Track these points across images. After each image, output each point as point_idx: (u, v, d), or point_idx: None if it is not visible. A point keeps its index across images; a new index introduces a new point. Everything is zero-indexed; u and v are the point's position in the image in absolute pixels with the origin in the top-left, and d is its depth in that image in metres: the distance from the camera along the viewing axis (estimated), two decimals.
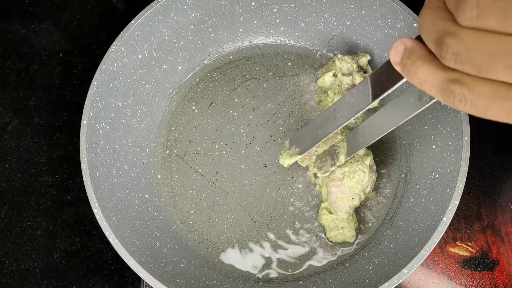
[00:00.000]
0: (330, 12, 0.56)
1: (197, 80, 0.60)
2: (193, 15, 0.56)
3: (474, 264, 0.51)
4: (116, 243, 0.44)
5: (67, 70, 0.64)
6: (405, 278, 0.42)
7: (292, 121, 0.57)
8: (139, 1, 0.65)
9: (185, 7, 0.55)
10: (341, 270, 0.49)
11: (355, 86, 0.40)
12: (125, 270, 0.54)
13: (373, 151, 0.52)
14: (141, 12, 0.52)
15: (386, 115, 0.43)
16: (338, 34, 0.58)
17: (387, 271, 0.44)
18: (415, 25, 0.50)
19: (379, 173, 0.53)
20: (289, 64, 0.60)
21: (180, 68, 0.59)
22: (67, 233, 0.56)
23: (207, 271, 0.50)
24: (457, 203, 0.43)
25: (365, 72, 0.54)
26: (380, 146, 0.54)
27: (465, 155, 0.45)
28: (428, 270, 0.52)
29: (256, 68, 0.60)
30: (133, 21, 0.52)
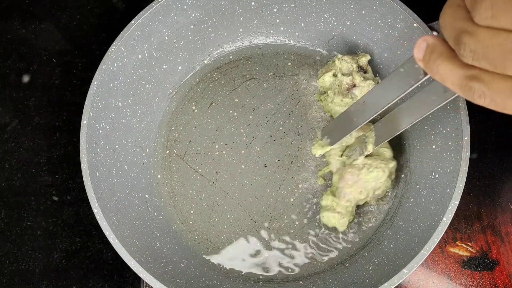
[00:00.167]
0: (330, 12, 0.56)
1: (197, 80, 0.60)
2: (193, 15, 0.56)
3: (474, 264, 0.51)
4: (116, 243, 0.44)
5: (67, 70, 0.64)
6: (405, 278, 0.42)
7: (292, 121, 0.57)
8: (139, 1, 0.65)
9: (185, 7, 0.55)
10: (341, 270, 0.49)
11: (385, 79, 0.41)
12: (125, 270, 0.54)
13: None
14: (141, 12, 0.52)
15: (413, 106, 0.44)
16: (338, 34, 0.58)
17: (387, 271, 0.44)
18: (415, 25, 0.50)
19: None
20: (289, 64, 0.60)
21: (180, 68, 0.59)
22: (67, 233, 0.56)
23: (207, 271, 0.50)
24: (457, 203, 0.43)
25: (365, 72, 0.54)
26: None
27: (465, 155, 0.45)
28: (428, 270, 0.52)
29: (256, 68, 0.60)
30: (133, 21, 0.52)
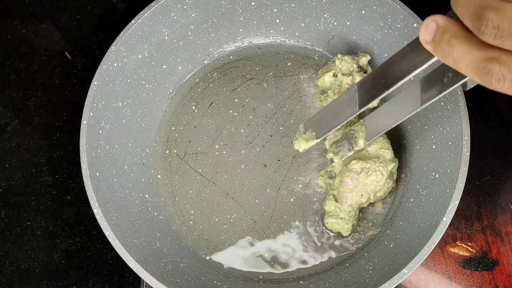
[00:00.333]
0: (330, 12, 0.56)
1: (197, 80, 0.60)
2: (193, 15, 0.56)
3: (474, 264, 0.51)
4: (116, 243, 0.44)
5: (67, 70, 0.64)
6: (405, 278, 0.42)
7: (292, 121, 0.57)
8: (139, 1, 0.65)
9: (185, 7, 0.55)
10: (341, 270, 0.49)
11: (380, 66, 0.37)
12: (125, 270, 0.54)
13: None
14: (141, 12, 0.52)
15: (409, 98, 0.41)
16: (338, 34, 0.58)
17: (387, 271, 0.44)
18: (415, 25, 0.50)
19: None
20: (289, 64, 0.60)
21: (180, 68, 0.59)
22: (67, 233, 0.56)
23: (207, 271, 0.50)
24: (457, 203, 0.43)
25: (365, 72, 0.54)
26: None
27: (465, 155, 0.45)
28: (428, 270, 0.52)
29: (256, 68, 0.60)
30: (133, 21, 0.52)
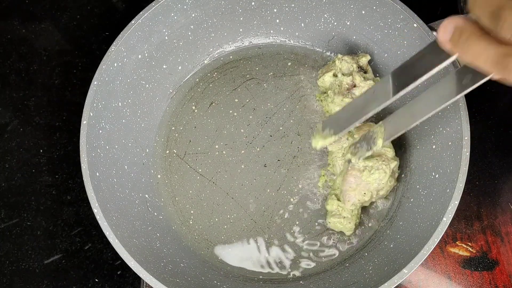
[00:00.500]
0: (330, 12, 0.56)
1: (197, 80, 0.60)
2: (193, 15, 0.56)
3: (474, 264, 0.51)
4: (116, 243, 0.44)
5: (67, 70, 0.64)
6: (405, 278, 0.42)
7: (292, 121, 0.57)
8: (139, 1, 0.65)
9: (185, 7, 0.55)
10: (341, 270, 0.49)
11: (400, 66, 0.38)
12: (125, 270, 0.54)
13: None
14: (141, 12, 0.52)
15: (427, 99, 0.42)
16: (338, 34, 0.58)
17: (387, 271, 0.44)
18: (415, 25, 0.50)
19: None
20: (289, 64, 0.60)
21: (180, 68, 0.59)
22: (67, 233, 0.56)
23: (207, 271, 0.50)
24: (457, 203, 0.43)
25: (365, 72, 0.54)
26: None
27: (465, 155, 0.45)
28: (428, 270, 0.52)
29: (256, 68, 0.60)
30: (133, 21, 0.52)
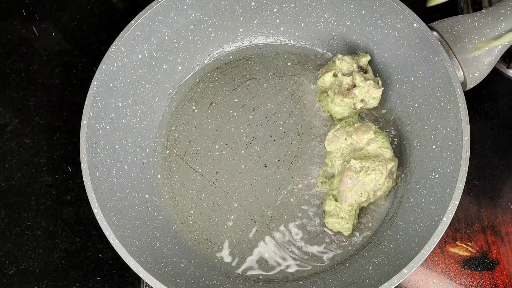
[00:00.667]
0: (330, 12, 0.56)
1: (197, 80, 0.60)
2: (193, 15, 0.56)
3: (474, 264, 0.51)
4: (116, 243, 0.44)
5: (67, 70, 0.64)
6: (405, 278, 0.42)
7: (292, 121, 0.57)
8: (139, 1, 0.65)
9: (185, 7, 0.55)
10: (341, 270, 0.49)
11: None
12: (125, 270, 0.54)
13: None
14: (141, 12, 0.52)
15: None
16: (338, 34, 0.58)
17: (387, 271, 0.44)
18: (415, 25, 0.50)
19: None
20: (289, 64, 0.60)
21: (180, 68, 0.59)
22: (67, 233, 0.56)
23: (207, 271, 0.50)
24: (457, 203, 0.43)
25: (365, 72, 0.54)
26: None
27: (465, 155, 0.45)
28: (428, 270, 0.52)
29: (256, 68, 0.60)
30: (133, 21, 0.52)
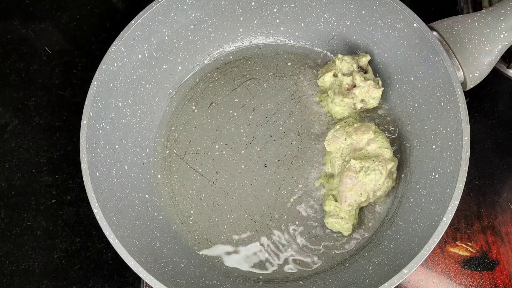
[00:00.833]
0: (330, 12, 0.56)
1: (197, 80, 0.60)
2: (193, 15, 0.56)
3: (474, 264, 0.51)
4: (116, 243, 0.44)
5: (67, 70, 0.64)
6: (405, 278, 0.42)
7: (292, 121, 0.57)
8: (139, 1, 0.65)
9: (185, 7, 0.55)
10: (341, 270, 0.49)
11: None
12: (125, 270, 0.54)
13: None
14: (141, 12, 0.52)
15: None
16: (338, 34, 0.58)
17: (387, 271, 0.44)
18: (415, 25, 0.50)
19: None
20: (289, 64, 0.60)
21: (180, 68, 0.59)
22: (67, 233, 0.56)
23: (207, 271, 0.50)
24: (457, 203, 0.43)
25: (365, 72, 0.54)
26: None
27: (465, 155, 0.45)
28: (428, 270, 0.52)
29: (256, 68, 0.60)
30: (133, 21, 0.52)
